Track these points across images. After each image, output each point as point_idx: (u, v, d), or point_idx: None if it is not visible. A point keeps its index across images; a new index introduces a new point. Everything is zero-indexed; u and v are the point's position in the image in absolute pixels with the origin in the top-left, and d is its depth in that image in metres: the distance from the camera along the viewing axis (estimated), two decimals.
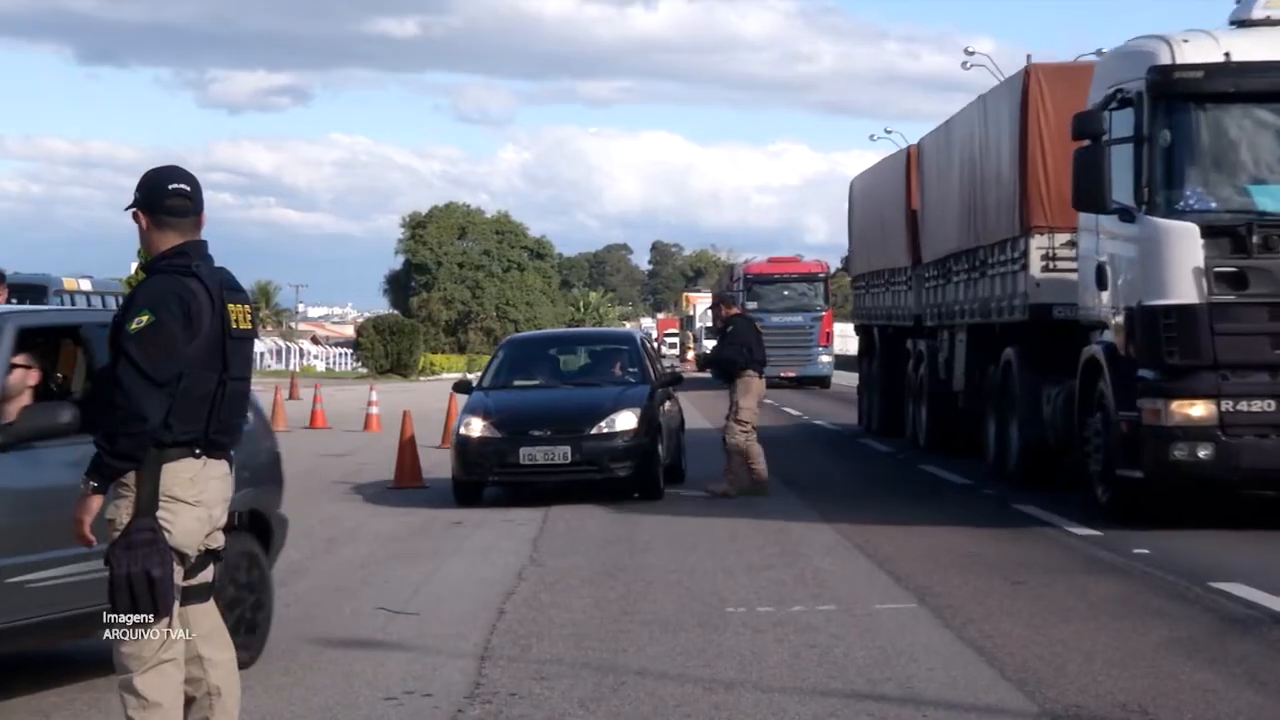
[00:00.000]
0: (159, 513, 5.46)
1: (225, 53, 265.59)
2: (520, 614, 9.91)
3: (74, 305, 28.68)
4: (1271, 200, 12.82)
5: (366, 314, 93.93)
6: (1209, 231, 12.56)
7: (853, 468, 20.91)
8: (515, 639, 9.10)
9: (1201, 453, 12.48)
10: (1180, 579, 10.58)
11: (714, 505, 15.93)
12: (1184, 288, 12.53)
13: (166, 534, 5.45)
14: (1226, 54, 12.84)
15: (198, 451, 5.54)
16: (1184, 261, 12.56)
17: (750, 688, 7.75)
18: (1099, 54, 16.55)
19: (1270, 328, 12.54)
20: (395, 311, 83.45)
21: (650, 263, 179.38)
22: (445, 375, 62.43)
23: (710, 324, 18.44)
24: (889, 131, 57.28)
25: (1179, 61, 12.85)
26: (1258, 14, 13.19)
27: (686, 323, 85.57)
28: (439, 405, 27.81)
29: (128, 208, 5.68)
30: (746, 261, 52.43)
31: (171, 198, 5.65)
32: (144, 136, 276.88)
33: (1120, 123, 13.31)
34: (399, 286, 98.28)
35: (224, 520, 5.74)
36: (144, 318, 5.43)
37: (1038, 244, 16.38)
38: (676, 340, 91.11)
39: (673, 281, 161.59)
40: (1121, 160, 13.16)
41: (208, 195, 5.77)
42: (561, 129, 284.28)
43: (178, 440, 5.48)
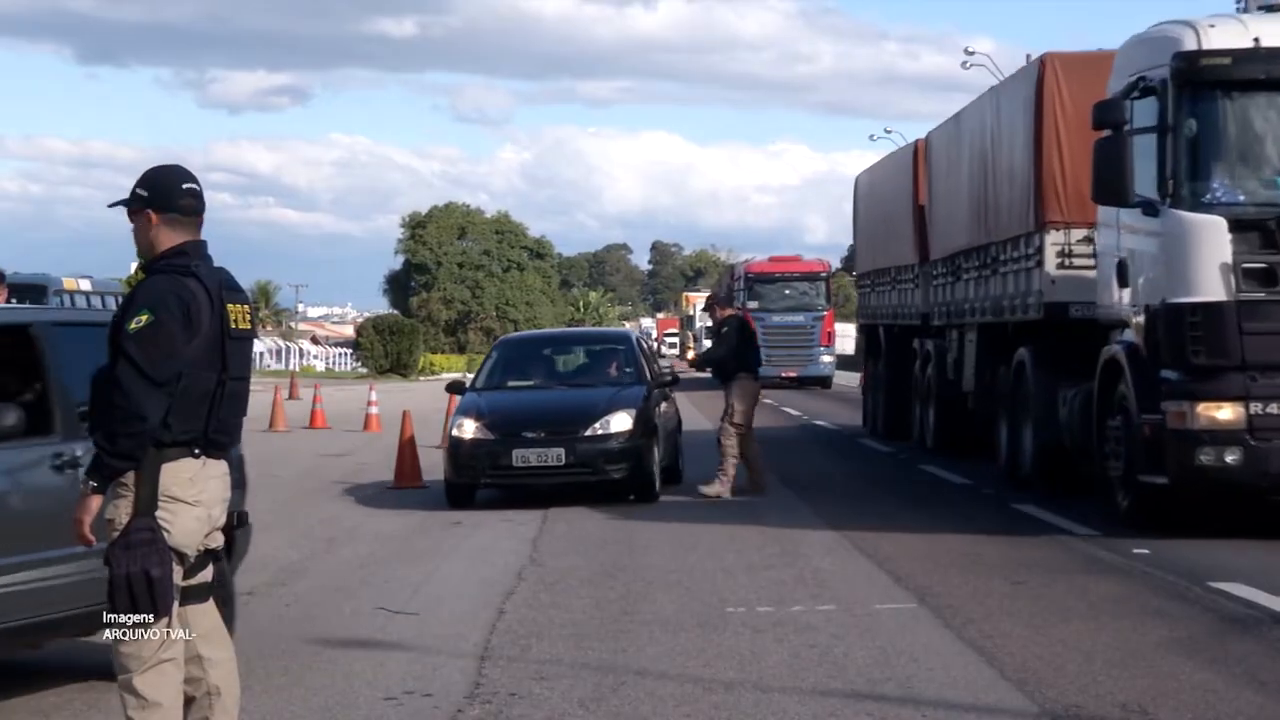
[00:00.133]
0: (158, 513, 5.45)
1: (225, 53, 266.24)
2: (520, 614, 9.91)
3: (74, 305, 28.71)
4: None
5: (366, 314, 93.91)
6: (1237, 225, 12.04)
7: (852, 468, 20.90)
8: (515, 639, 9.10)
9: (1229, 458, 11.99)
10: (1180, 579, 10.58)
11: (713, 506, 15.91)
12: (1211, 284, 12.01)
13: (166, 534, 5.45)
14: (1256, 39, 12.27)
15: (197, 451, 5.54)
16: (1211, 257, 12.03)
17: (750, 688, 7.75)
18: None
19: None
20: (395, 311, 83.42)
21: (650, 263, 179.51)
22: (445, 375, 62.23)
23: (709, 324, 18.31)
24: (889, 131, 57.40)
25: (1205, 47, 12.27)
26: None
27: (687, 322, 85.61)
28: (439, 405, 27.78)
29: (131, 205, 5.64)
30: (747, 261, 52.03)
31: (184, 197, 5.66)
32: (144, 136, 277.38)
33: (1143, 112, 12.75)
34: (399, 286, 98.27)
35: (223, 520, 5.74)
36: (143, 317, 5.43)
37: (1053, 240, 15.85)
38: (677, 340, 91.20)
39: (672, 281, 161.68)
40: (1144, 152, 12.59)
41: (207, 195, 5.78)
42: (561, 129, 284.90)
43: (177, 440, 5.49)
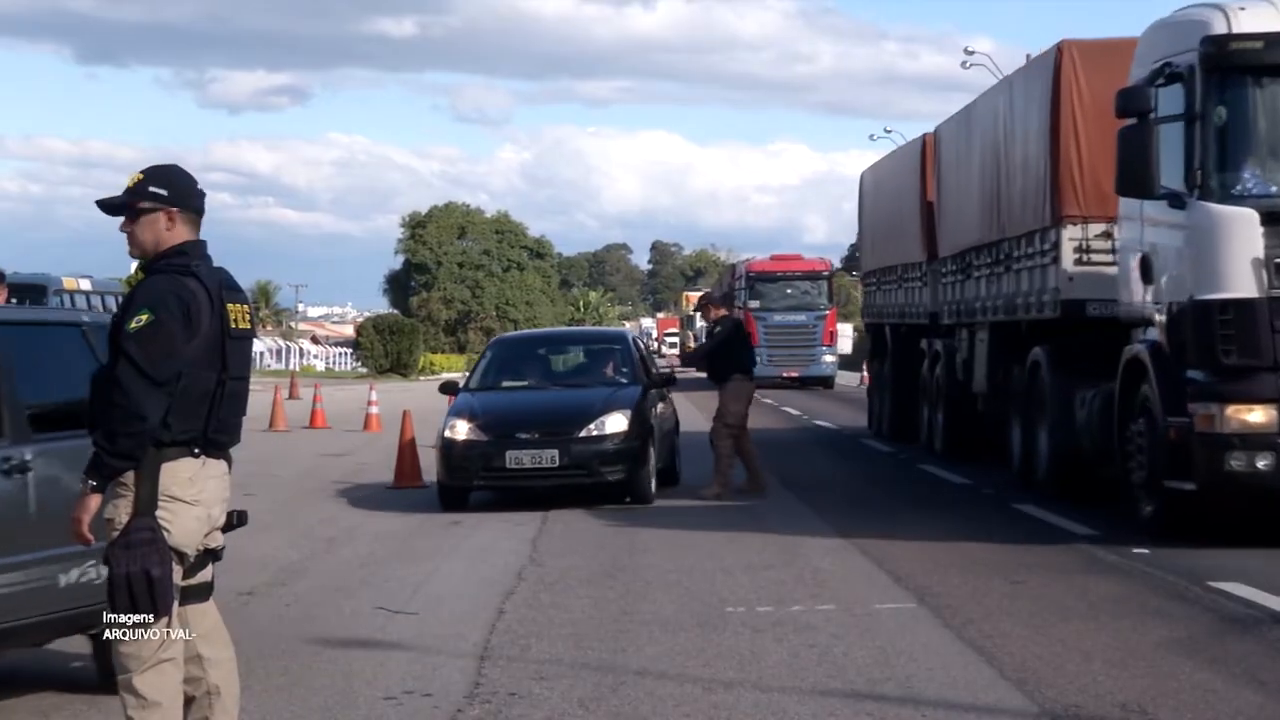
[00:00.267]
0: (158, 512, 5.46)
1: (225, 53, 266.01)
2: (520, 614, 9.91)
3: (74, 305, 28.72)
4: None
5: (366, 314, 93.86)
6: (1269, 218, 11.49)
7: (852, 468, 20.90)
8: (515, 639, 9.10)
9: (1261, 463, 11.42)
10: (1180, 579, 10.57)
11: (713, 506, 15.91)
12: (1241, 280, 11.47)
13: (166, 534, 5.45)
14: None
15: (196, 451, 5.54)
16: (1241, 251, 11.48)
17: (749, 687, 7.75)
18: None
19: None
20: (395, 311, 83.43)
21: (650, 262, 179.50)
22: (445, 375, 62.29)
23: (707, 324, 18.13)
24: (889, 131, 57.37)
25: (1235, 31, 11.68)
26: None
27: (687, 322, 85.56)
28: (439, 405, 27.64)
29: (145, 202, 5.62)
30: (748, 260, 51.57)
31: (199, 197, 5.73)
32: (143, 136, 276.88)
33: (1169, 100, 12.16)
34: (399, 286, 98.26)
35: (222, 520, 5.74)
36: (143, 317, 5.43)
37: (1070, 235, 15.23)
38: (677, 340, 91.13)
39: (672, 281, 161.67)
40: (1170, 141, 12.03)
41: (208, 195, 5.80)
42: (560, 129, 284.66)
43: (176, 440, 5.49)
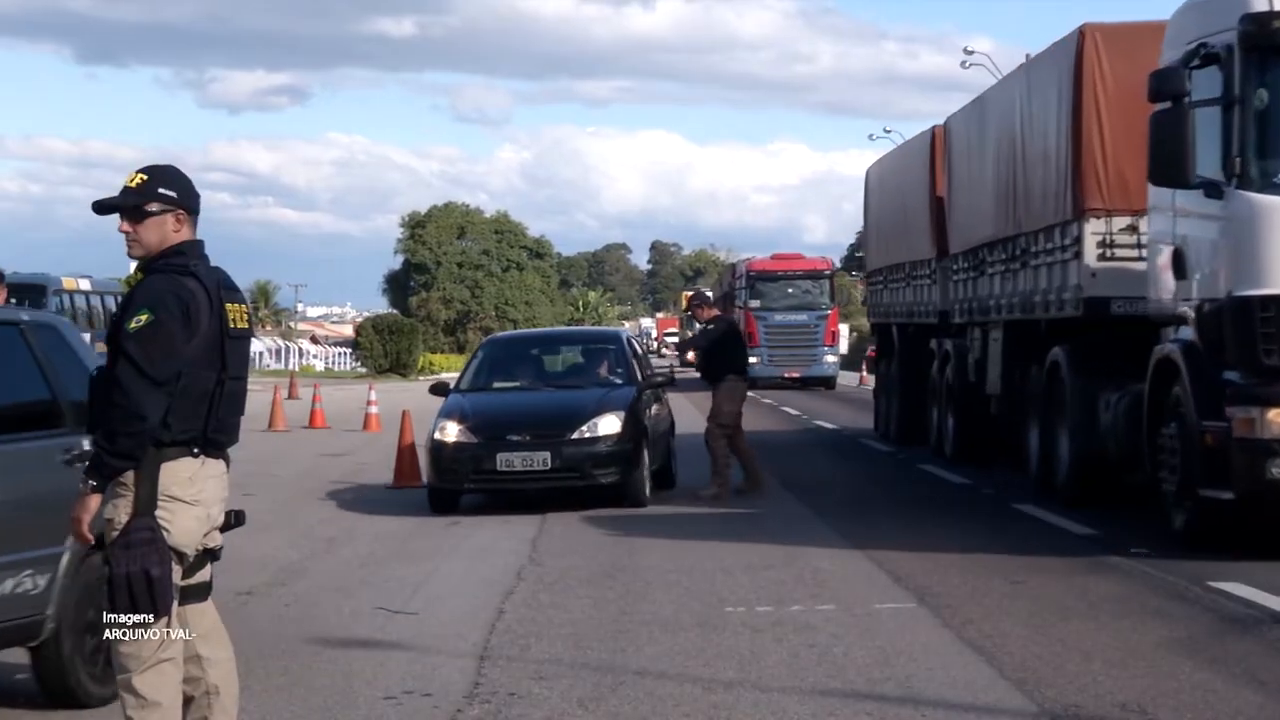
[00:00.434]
0: (158, 512, 5.46)
1: (224, 53, 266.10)
2: (519, 614, 9.91)
3: (74, 305, 28.73)
4: None
5: (365, 314, 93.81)
6: None
7: (852, 468, 20.89)
8: (514, 639, 9.10)
9: None
10: (1180, 579, 10.56)
11: (712, 506, 15.90)
12: None
13: (165, 533, 5.45)
14: None
15: (196, 451, 5.55)
16: None
17: (749, 687, 7.75)
18: None
19: None
20: (394, 311, 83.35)
21: (649, 262, 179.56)
22: (445, 375, 62.33)
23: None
24: (888, 131, 57.40)
25: (1278, 8, 11.00)
26: None
27: (686, 322, 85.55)
28: (438, 405, 27.73)
29: (155, 204, 5.62)
30: (749, 259, 51.07)
31: (199, 199, 5.75)
32: (143, 136, 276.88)
33: (1204, 83, 11.44)
34: (398, 286, 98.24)
35: (220, 520, 5.74)
36: (143, 317, 5.44)
37: (1093, 229, 14.41)
38: (677, 339, 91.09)
39: (672, 281, 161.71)
40: (1206, 127, 11.33)
41: (207, 195, 5.82)
42: (560, 128, 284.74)
43: (176, 439, 5.49)
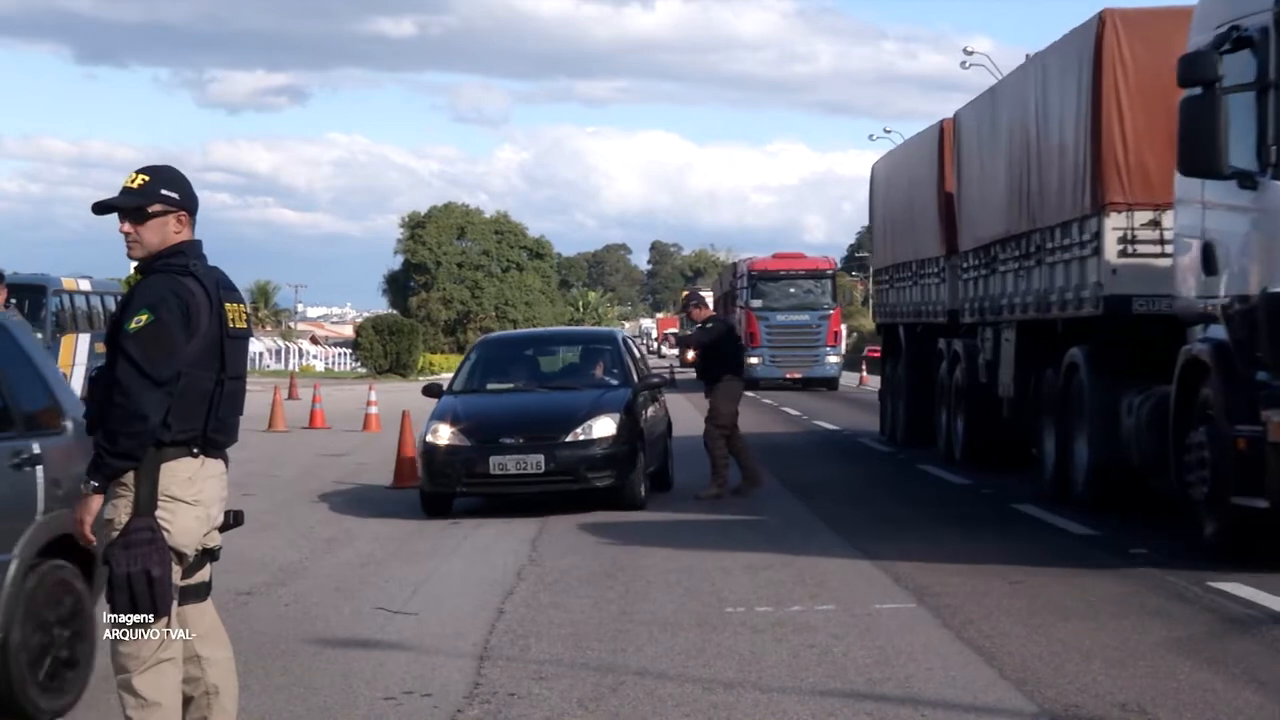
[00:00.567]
0: (158, 512, 5.46)
1: (223, 53, 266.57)
2: (519, 614, 9.91)
3: (73, 305, 28.70)
4: None
5: (365, 314, 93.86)
6: None
7: (851, 468, 20.87)
8: (514, 639, 9.10)
9: None
10: (1180, 579, 10.56)
11: (712, 506, 15.89)
12: None
13: (165, 533, 5.45)
14: None
15: (195, 451, 5.55)
16: None
17: (749, 687, 7.74)
18: None
19: None
20: (394, 311, 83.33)
21: (649, 262, 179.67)
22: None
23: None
24: (888, 131, 57.41)
25: None
26: None
27: (686, 322, 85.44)
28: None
29: (156, 205, 5.61)
30: (750, 258, 50.66)
31: (198, 199, 5.77)
32: (142, 136, 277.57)
33: (1237, 68, 10.79)
34: (398, 286, 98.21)
35: (220, 520, 5.74)
36: (143, 317, 5.44)
37: (1114, 224, 13.78)
38: (678, 338, 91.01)
39: (672, 281, 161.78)
40: (1239, 115, 10.74)
41: (206, 195, 5.84)
42: (559, 128, 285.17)
43: (176, 440, 5.49)
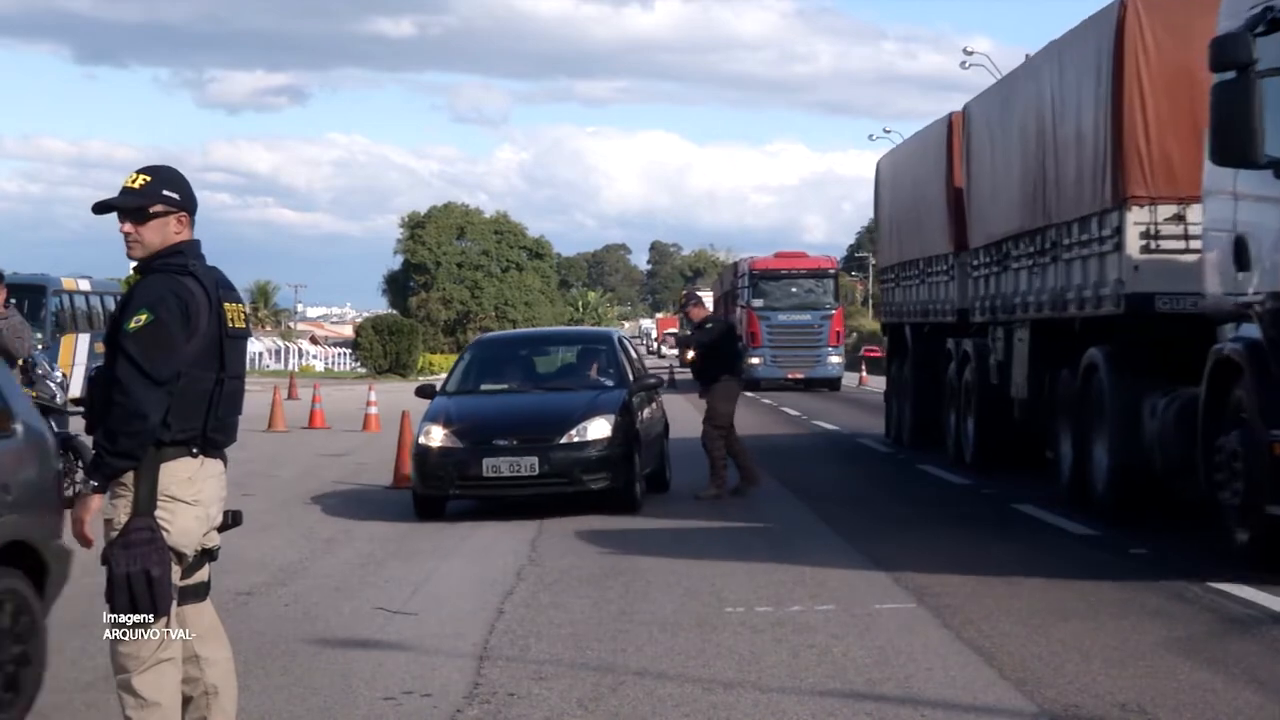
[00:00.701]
0: (157, 512, 5.46)
1: (223, 53, 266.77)
2: (519, 614, 9.91)
3: (73, 305, 28.71)
4: None
5: (365, 314, 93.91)
6: None
7: (851, 468, 20.88)
8: (514, 639, 9.09)
9: None
10: (1180, 579, 10.56)
11: (711, 506, 15.88)
12: None
13: (165, 533, 5.45)
14: None
15: (195, 451, 5.55)
16: None
17: (749, 688, 7.74)
18: None
19: None
20: (394, 311, 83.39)
21: (649, 262, 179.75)
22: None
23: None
24: (887, 131, 57.36)
25: None
26: None
27: (686, 322, 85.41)
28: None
29: (157, 205, 5.60)
30: (751, 257, 50.41)
31: (196, 200, 5.76)
32: (142, 136, 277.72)
33: (1272, 51, 10.20)
34: (397, 286, 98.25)
35: (219, 520, 5.74)
36: (143, 317, 5.44)
37: (1136, 219, 13.15)
38: (677, 338, 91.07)
39: (672, 281, 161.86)
40: (1273, 100, 10.19)
41: (206, 195, 5.85)
42: (559, 128, 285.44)
43: (175, 439, 5.49)
